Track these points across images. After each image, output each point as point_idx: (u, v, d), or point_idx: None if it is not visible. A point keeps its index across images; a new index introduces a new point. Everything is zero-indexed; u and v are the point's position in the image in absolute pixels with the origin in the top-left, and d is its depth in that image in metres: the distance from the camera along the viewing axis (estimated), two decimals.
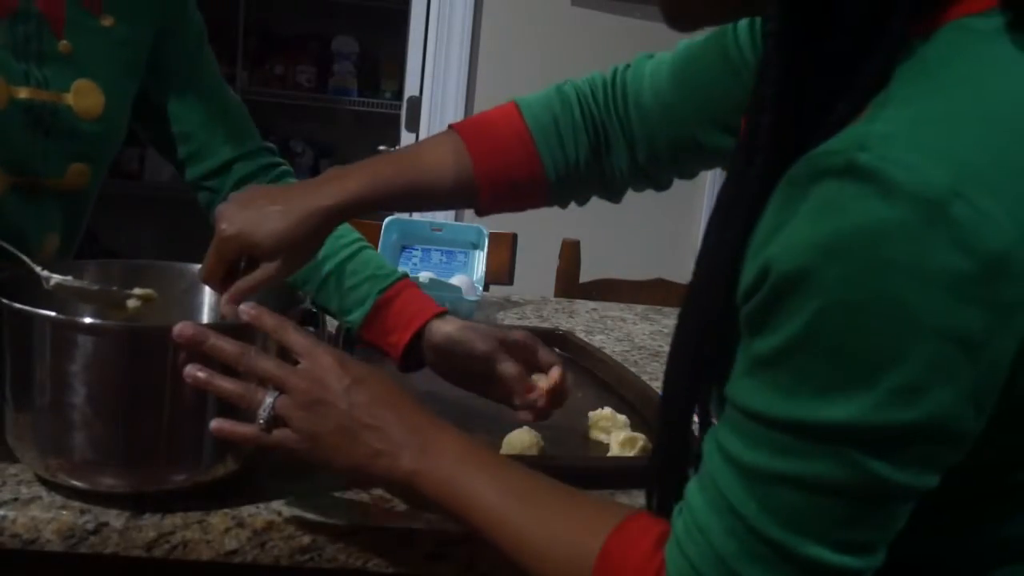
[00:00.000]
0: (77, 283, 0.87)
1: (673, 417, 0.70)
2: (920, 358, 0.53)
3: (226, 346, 0.76)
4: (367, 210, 0.91)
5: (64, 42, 1.00)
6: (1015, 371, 0.55)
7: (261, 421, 0.74)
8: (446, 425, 0.75)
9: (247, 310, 0.78)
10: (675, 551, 0.61)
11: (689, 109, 0.94)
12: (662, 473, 0.71)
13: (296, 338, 0.77)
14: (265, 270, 0.86)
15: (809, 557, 0.57)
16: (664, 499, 0.69)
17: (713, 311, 0.64)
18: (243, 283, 0.86)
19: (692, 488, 0.62)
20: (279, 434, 0.74)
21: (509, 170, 0.95)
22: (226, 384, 0.75)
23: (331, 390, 0.74)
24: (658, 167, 0.99)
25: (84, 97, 1.01)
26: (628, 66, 1.00)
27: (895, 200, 0.51)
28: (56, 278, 0.86)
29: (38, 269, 0.86)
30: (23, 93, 0.97)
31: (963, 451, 0.57)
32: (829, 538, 0.57)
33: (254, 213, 0.85)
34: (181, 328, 0.75)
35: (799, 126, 0.59)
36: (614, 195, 1.02)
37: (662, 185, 1.02)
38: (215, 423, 0.75)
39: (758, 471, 0.58)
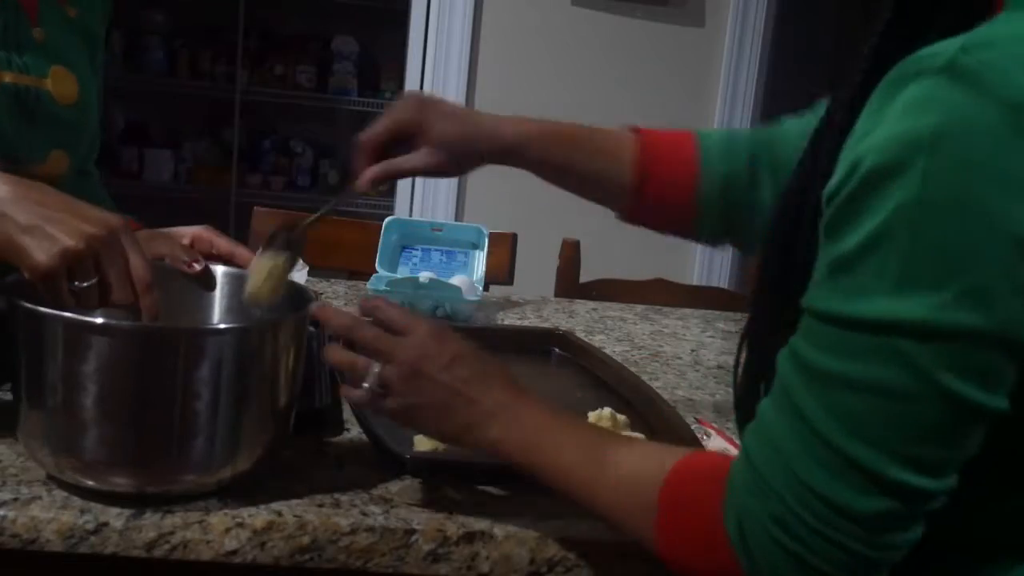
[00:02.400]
0: None
1: (761, 330, 0.71)
2: (993, 262, 0.53)
3: (337, 318, 0.82)
4: (526, 165, 0.97)
5: (38, 29, 1.02)
6: None
7: (369, 387, 0.78)
8: (533, 395, 0.80)
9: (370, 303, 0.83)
10: (742, 461, 0.62)
11: None
12: (746, 395, 0.72)
13: (396, 313, 0.81)
14: (422, 156, 0.92)
15: (874, 469, 0.56)
16: (744, 420, 0.69)
17: (806, 211, 0.64)
18: (396, 163, 0.93)
19: (764, 403, 0.63)
20: (383, 401, 0.79)
21: (666, 192, 0.98)
22: (336, 354, 0.81)
23: (432, 364, 0.78)
24: None
25: (60, 83, 1.03)
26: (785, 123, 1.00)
27: (988, 102, 0.52)
28: None
29: None
30: (7, 77, 0.98)
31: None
32: (891, 449, 0.56)
33: (437, 108, 0.94)
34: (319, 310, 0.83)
35: (907, 30, 0.60)
36: (748, 249, 1.03)
37: None
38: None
39: (827, 374, 0.58)
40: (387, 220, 1.63)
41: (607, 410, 1.06)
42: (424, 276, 1.52)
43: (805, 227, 0.64)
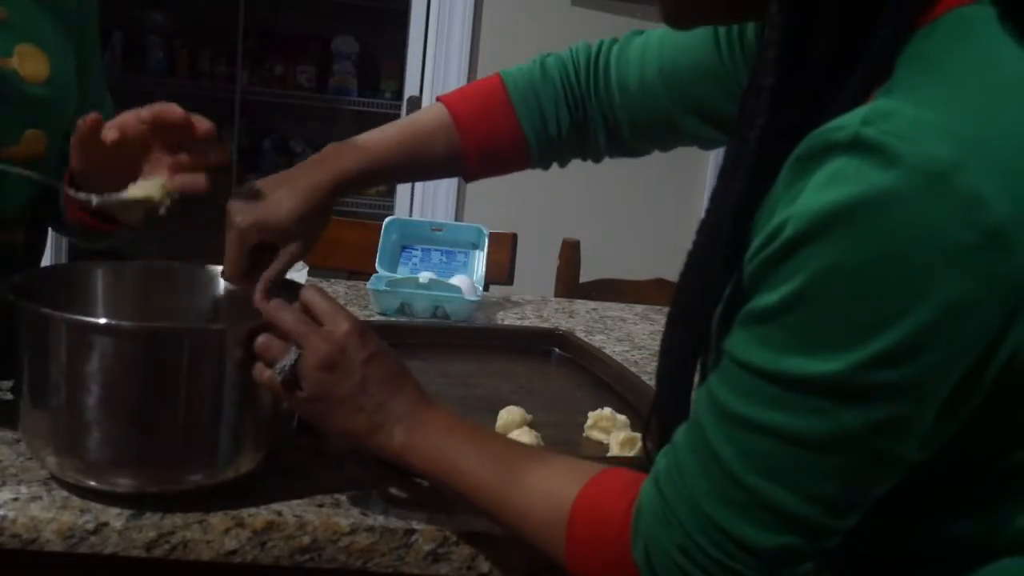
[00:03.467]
0: (116, 196, 0.89)
1: (668, 391, 0.73)
2: (912, 322, 0.54)
3: (259, 298, 0.83)
4: (368, 182, 0.95)
5: (1, 8, 1.00)
6: (1016, 349, 0.56)
7: (278, 371, 0.76)
8: (439, 403, 0.80)
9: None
10: (651, 486, 0.64)
11: (674, 97, 0.97)
12: (658, 428, 0.74)
13: (320, 300, 0.79)
14: (287, 252, 0.90)
15: (781, 506, 0.59)
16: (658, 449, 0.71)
17: (710, 278, 0.67)
18: (270, 271, 0.88)
19: (680, 431, 0.65)
20: (293, 391, 0.77)
21: (493, 140, 0.99)
22: (257, 337, 0.79)
23: (347, 358, 0.76)
24: (637, 142, 1.03)
25: (28, 61, 1.02)
26: (615, 42, 1.03)
27: (899, 171, 0.53)
28: (96, 197, 0.88)
29: (76, 193, 0.88)
30: None
31: (947, 426, 0.58)
32: (801, 490, 0.58)
33: (263, 201, 0.89)
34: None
35: (799, 104, 0.61)
36: (594, 159, 1.07)
37: (638, 155, 1.06)
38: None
39: (742, 419, 0.60)
40: (387, 220, 1.63)
41: (607, 410, 1.06)
42: (424, 276, 1.52)
43: (709, 297, 0.67)
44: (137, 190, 0.90)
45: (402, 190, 2.95)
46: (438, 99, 1.01)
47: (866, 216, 0.54)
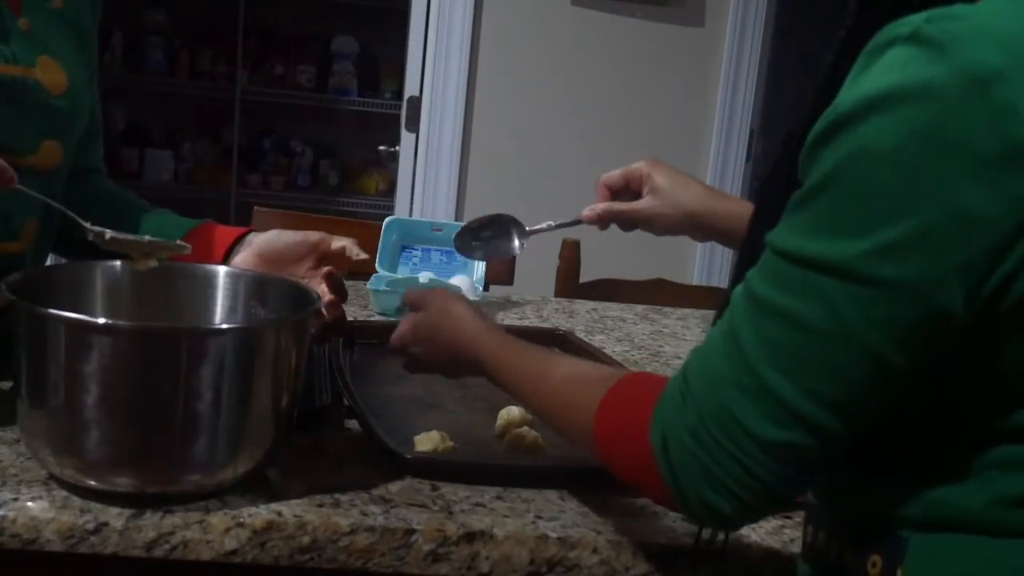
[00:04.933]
0: (130, 236, 0.93)
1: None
2: (916, 220, 0.56)
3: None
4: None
5: (23, 19, 1.02)
6: (1015, 273, 0.56)
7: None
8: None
9: None
10: (679, 372, 0.66)
11: None
12: None
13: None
14: (644, 203, 1.12)
15: (782, 395, 0.60)
16: None
17: (787, 181, 0.67)
18: (623, 206, 1.13)
19: (716, 324, 0.67)
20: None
21: None
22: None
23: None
24: None
25: (49, 72, 1.03)
26: None
27: (944, 67, 0.55)
28: (110, 232, 0.91)
29: (91, 227, 0.90)
30: None
31: (943, 337, 0.58)
32: (804, 383, 0.60)
33: (672, 173, 1.11)
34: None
35: (884, 6, 0.62)
36: None
37: None
38: None
39: (764, 303, 0.62)
40: (387, 220, 1.63)
41: None
42: (424, 276, 1.52)
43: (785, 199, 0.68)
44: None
45: (402, 190, 2.95)
46: None
47: (900, 105, 0.56)
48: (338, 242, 1.11)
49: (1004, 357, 0.60)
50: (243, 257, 1.09)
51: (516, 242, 1.21)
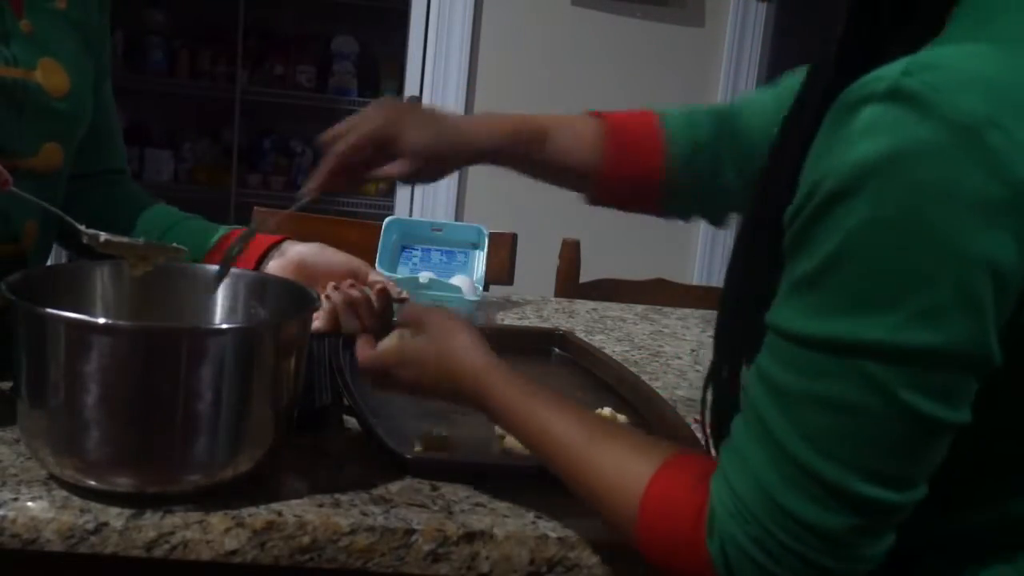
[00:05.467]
0: (126, 240, 0.92)
1: (725, 351, 0.73)
2: (946, 281, 0.54)
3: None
4: (500, 162, 0.98)
5: (25, 21, 1.01)
6: None
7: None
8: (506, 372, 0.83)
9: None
10: (720, 481, 0.63)
11: None
12: (716, 411, 0.74)
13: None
14: (397, 165, 0.93)
15: (843, 486, 0.58)
16: (718, 435, 0.71)
17: (766, 236, 0.66)
18: (371, 173, 0.93)
19: (737, 421, 0.64)
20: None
21: (636, 171, 1.00)
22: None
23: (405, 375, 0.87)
24: None
25: (51, 75, 1.03)
26: (755, 96, 1.04)
27: (932, 123, 0.53)
28: (104, 235, 0.90)
29: (86, 229, 0.90)
30: None
31: (988, 378, 0.57)
32: (862, 467, 0.58)
33: (409, 116, 0.93)
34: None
35: (861, 57, 0.61)
36: (719, 219, 1.07)
37: None
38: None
39: (793, 393, 0.59)
40: (387, 220, 1.63)
41: (607, 410, 1.06)
42: (424, 276, 1.52)
43: (764, 249, 0.66)
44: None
45: (402, 190, 2.95)
46: (595, 114, 1.02)
47: (900, 169, 0.54)
48: (376, 276, 1.08)
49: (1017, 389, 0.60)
50: (278, 264, 1.08)
51: None
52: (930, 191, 0.54)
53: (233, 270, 0.97)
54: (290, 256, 1.09)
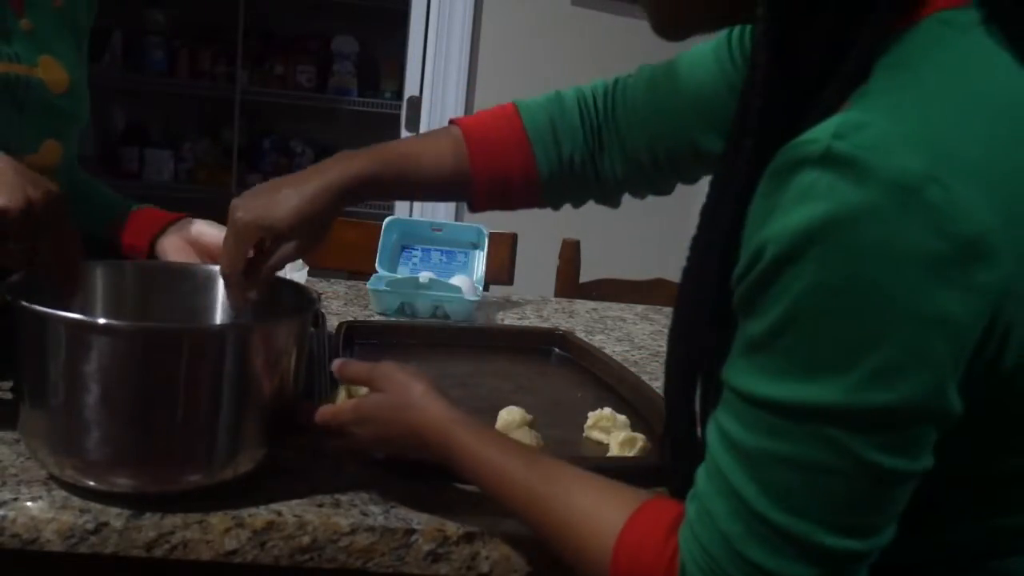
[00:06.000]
0: None
1: (676, 404, 0.73)
2: (896, 340, 0.54)
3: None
4: (371, 193, 0.94)
5: (25, 20, 1.02)
6: (999, 353, 0.56)
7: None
8: (469, 423, 0.81)
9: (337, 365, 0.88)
10: (688, 535, 0.63)
11: (688, 117, 0.96)
12: (672, 460, 0.74)
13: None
14: (284, 250, 0.90)
15: (810, 540, 0.58)
16: (679, 486, 0.71)
17: (706, 294, 0.66)
18: (268, 267, 0.90)
19: (700, 473, 0.64)
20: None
21: (504, 169, 0.98)
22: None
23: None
24: (658, 173, 1.01)
25: (51, 72, 1.04)
26: (630, 75, 1.02)
27: (869, 186, 0.53)
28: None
29: None
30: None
31: (949, 426, 0.57)
32: (828, 520, 0.58)
33: (266, 198, 0.89)
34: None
35: (785, 114, 0.61)
36: (609, 200, 1.05)
37: (664, 190, 1.05)
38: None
39: (755, 453, 0.59)
40: (387, 220, 1.63)
41: (607, 410, 1.06)
42: (424, 276, 1.52)
43: (707, 306, 0.67)
44: None
45: None
46: (451, 121, 1.00)
47: (840, 234, 0.53)
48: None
49: (997, 422, 0.60)
50: (175, 239, 1.10)
51: None
52: (872, 253, 0.53)
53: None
54: (186, 232, 1.11)
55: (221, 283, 0.94)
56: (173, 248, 1.09)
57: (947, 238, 0.52)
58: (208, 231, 1.12)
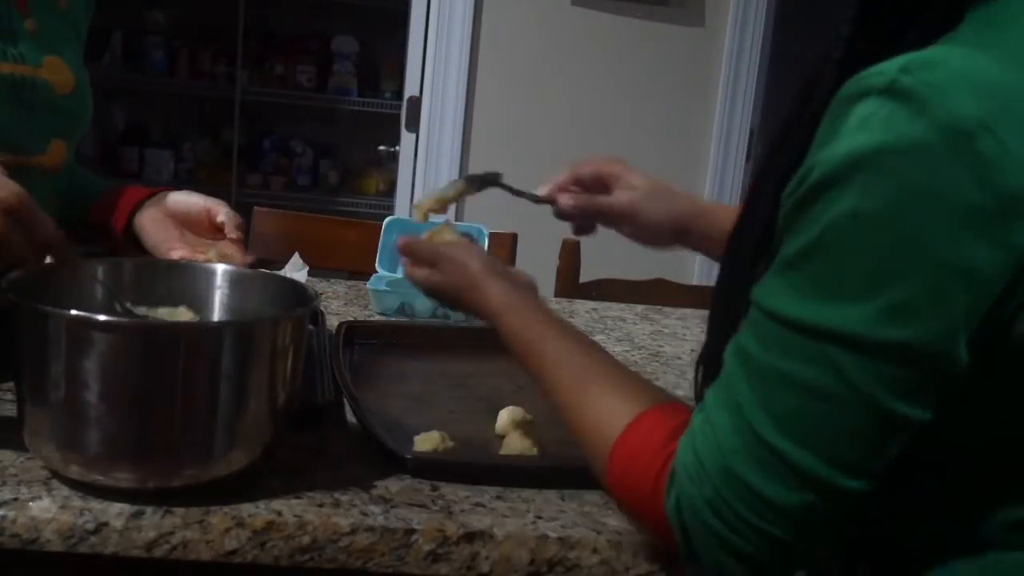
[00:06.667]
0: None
1: (715, 331, 0.74)
2: (919, 280, 0.55)
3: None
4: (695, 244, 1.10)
5: (29, 20, 1.03)
6: (1013, 316, 0.56)
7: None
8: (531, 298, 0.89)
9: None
10: (687, 443, 0.65)
11: None
12: (703, 388, 0.75)
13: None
14: (617, 196, 1.06)
15: (798, 463, 0.59)
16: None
17: (761, 215, 0.67)
18: (597, 199, 1.07)
19: (711, 387, 0.66)
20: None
21: None
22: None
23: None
24: None
25: (56, 72, 1.05)
26: None
27: (924, 123, 0.54)
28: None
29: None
30: (5, 68, 0.98)
31: (953, 381, 0.58)
32: (820, 449, 0.59)
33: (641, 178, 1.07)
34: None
35: (869, 54, 0.61)
36: None
37: None
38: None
39: (765, 370, 0.60)
40: (387, 220, 1.63)
41: None
42: None
43: (761, 227, 0.68)
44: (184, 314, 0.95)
45: (402, 190, 2.95)
46: None
47: (887, 165, 0.54)
48: (223, 218, 1.10)
49: (1001, 396, 0.60)
50: (153, 213, 1.11)
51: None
52: (914, 191, 0.54)
53: (233, 268, 0.97)
54: (162, 205, 1.12)
55: (220, 280, 0.95)
56: (150, 220, 1.09)
57: (990, 190, 0.53)
58: (184, 199, 1.11)
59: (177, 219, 1.11)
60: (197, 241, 1.09)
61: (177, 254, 1.05)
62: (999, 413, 0.61)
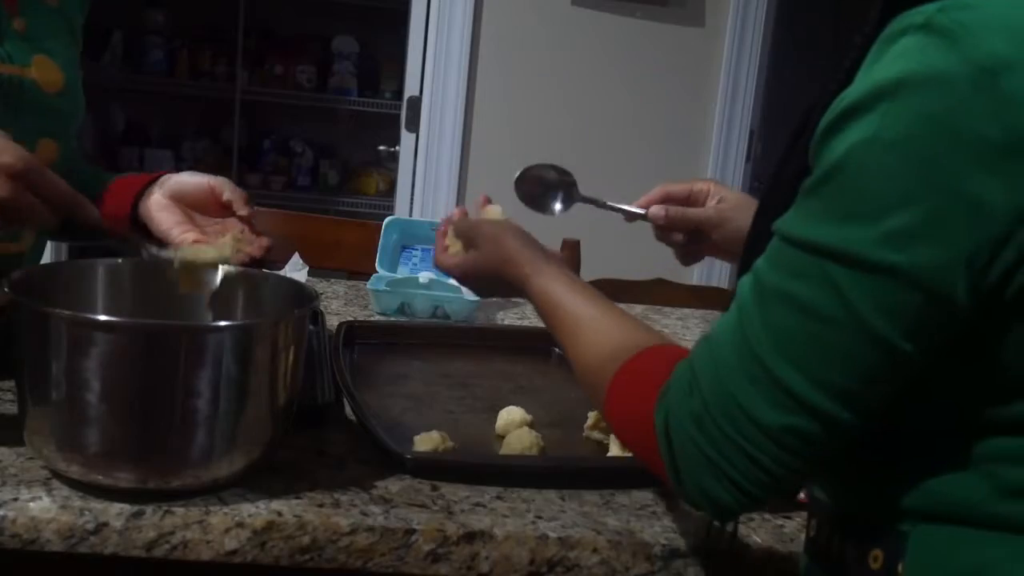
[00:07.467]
0: (192, 255, 0.96)
1: (744, 268, 0.74)
2: (925, 208, 0.56)
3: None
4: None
5: (19, 19, 1.02)
6: (1015, 265, 0.57)
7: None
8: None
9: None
10: (686, 360, 0.66)
11: None
12: None
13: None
14: (704, 211, 1.10)
15: (790, 385, 0.60)
16: None
17: (798, 150, 0.67)
18: (687, 212, 1.10)
19: (725, 312, 0.67)
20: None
21: None
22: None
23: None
24: None
25: (45, 71, 1.04)
26: None
27: (953, 57, 0.55)
28: (170, 253, 0.96)
29: (162, 252, 0.95)
30: None
31: (948, 325, 0.59)
32: (811, 371, 0.60)
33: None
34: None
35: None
36: None
37: None
38: None
39: (772, 289, 0.62)
40: (387, 220, 1.63)
41: None
42: (424, 276, 1.51)
43: (790, 171, 0.68)
44: (209, 251, 0.97)
45: (402, 190, 2.95)
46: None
47: (909, 92, 0.56)
48: (230, 195, 1.09)
49: (1004, 348, 0.60)
50: (155, 200, 1.09)
51: (559, 205, 1.19)
52: (933, 120, 0.55)
53: (233, 268, 0.97)
54: (166, 188, 1.10)
55: (219, 279, 0.95)
56: (157, 207, 1.07)
57: (1006, 128, 0.54)
58: (187, 179, 1.10)
59: (184, 202, 1.09)
60: (207, 222, 1.07)
61: (191, 237, 1.04)
62: (989, 380, 0.61)
